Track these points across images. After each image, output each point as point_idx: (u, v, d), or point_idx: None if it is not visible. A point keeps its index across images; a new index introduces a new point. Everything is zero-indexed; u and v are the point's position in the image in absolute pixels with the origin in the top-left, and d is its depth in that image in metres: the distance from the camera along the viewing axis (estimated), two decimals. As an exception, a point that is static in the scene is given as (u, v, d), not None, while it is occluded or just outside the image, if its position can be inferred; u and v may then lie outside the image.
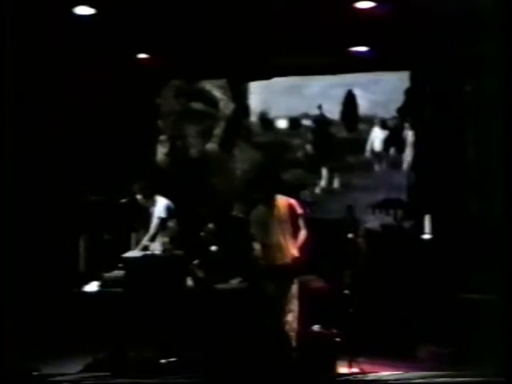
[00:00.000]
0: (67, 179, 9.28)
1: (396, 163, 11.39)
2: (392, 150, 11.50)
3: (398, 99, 11.33)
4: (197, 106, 11.63)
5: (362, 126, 12.03)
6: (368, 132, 11.80)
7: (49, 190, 9.01)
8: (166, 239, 8.04)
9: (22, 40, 6.84)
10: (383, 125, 11.70)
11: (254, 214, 7.37)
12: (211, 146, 11.56)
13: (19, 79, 6.57)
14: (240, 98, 11.71)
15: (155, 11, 7.81)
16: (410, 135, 11.13)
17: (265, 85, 11.58)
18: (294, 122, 12.08)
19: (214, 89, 11.62)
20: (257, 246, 7.25)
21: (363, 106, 11.82)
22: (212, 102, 11.66)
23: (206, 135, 11.54)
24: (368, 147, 11.69)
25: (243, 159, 11.49)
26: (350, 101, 11.76)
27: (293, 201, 7.37)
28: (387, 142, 11.62)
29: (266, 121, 11.98)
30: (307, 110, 12.02)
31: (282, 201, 7.33)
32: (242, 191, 11.30)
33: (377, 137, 11.74)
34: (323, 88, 11.63)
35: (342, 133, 12.06)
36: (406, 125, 11.21)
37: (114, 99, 9.87)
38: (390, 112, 11.66)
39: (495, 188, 6.17)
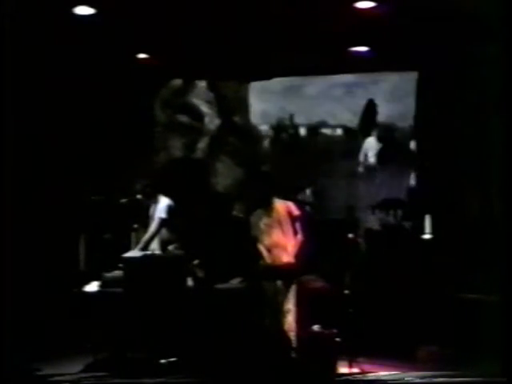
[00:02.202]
0: (67, 179, 9.28)
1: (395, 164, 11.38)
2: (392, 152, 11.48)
3: (398, 99, 11.33)
4: (182, 118, 11.70)
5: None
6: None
7: (49, 190, 9.01)
8: (167, 240, 8.03)
9: (21, 40, 6.85)
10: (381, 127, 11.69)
11: (254, 217, 7.41)
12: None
13: (19, 79, 6.58)
14: (226, 112, 11.80)
15: (155, 11, 7.81)
16: (409, 136, 11.14)
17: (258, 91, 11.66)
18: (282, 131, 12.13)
19: (201, 103, 11.71)
20: (257, 248, 7.28)
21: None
22: (198, 116, 11.74)
23: (190, 148, 11.61)
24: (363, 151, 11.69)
25: (227, 174, 11.56)
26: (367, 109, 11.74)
27: (290, 203, 7.42)
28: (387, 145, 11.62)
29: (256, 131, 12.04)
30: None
31: (280, 204, 7.38)
32: (242, 192, 11.32)
33: (371, 144, 11.72)
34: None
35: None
36: (407, 126, 11.21)
37: (113, 99, 9.87)
38: (389, 112, 11.65)
39: (495, 188, 6.18)
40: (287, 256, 7.20)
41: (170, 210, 8.10)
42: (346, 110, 11.97)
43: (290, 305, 7.18)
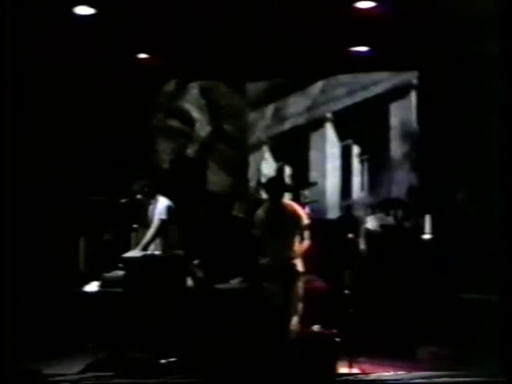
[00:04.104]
0: (67, 179, 9.28)
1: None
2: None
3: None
4: (173, 123, 11.74)
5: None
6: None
7: (49, 190, 9.01)
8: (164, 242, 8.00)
9: (21, 40, 6.85)
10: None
11: (258, 215, 7.35)
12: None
13: (19, 79, 6.58)
14: (217, 120, 11.83)
15: (155, 11, 7.81)
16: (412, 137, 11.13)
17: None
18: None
19: (193, 109, 11.75)
20: (257, 248, 7.25)
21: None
22: (189, 121, 11.77)
23: (179, 153, 11.63)
24: None
25: (213, 181, 11.59)
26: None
27: (298, 208, 7.30)
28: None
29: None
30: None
31: (288, 206, 7.27)
32: (242, 192, 11.33)
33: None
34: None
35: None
36: (407, 126, 11.21)
37: (113, 99, 9.87)
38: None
39: (495, 188, 6.18)
40: (288, 258, 7.16)
41: (170, 210, 8.07)
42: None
43: (290, 305, 7.16)
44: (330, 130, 11.97)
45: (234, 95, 11.81)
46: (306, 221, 7.19)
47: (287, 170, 12.20)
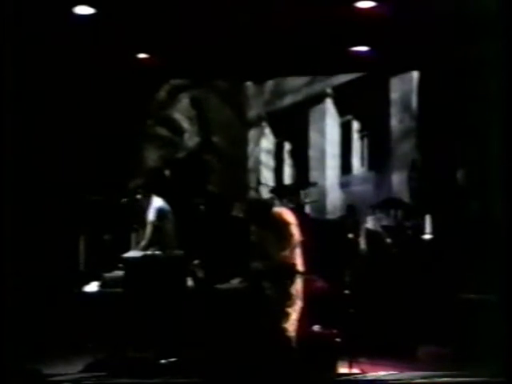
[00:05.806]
0: (67, 179, 9.28)
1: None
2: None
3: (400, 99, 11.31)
4: (162, 131, 11.74)
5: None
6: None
7: (49, 190, 9.01)
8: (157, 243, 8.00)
9: (21, 40, 6.85)
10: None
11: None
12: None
13: (19, 79, 6.58)
14: (206, 132, 11.82)
15: (155, 11, 7.82)
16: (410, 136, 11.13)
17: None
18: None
19: (183, 119, 11.75)
20: (257, 248, 7.25)
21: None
22: (178, 130, 11.77)
23: (166, 162, 11.63)
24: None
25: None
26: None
27: (286, 212, 7.27)
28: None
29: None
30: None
31: (276, 215, 7.22)
32: (241, 193, 11.33)
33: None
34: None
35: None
36: (408, 125, 11.21)
37: (113, 99, 9.87)
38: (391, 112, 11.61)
39: (495, 188, 6.18)
40: (283, 259, 7.14)
41: (160, 212, 8.06)
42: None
43: (290, 305, 7.15)
44: (329, 106, 11.89)
45: (224, 108, 11.82)
46: (291, 220, 7.14)
47: (286, 146, 12.16)
